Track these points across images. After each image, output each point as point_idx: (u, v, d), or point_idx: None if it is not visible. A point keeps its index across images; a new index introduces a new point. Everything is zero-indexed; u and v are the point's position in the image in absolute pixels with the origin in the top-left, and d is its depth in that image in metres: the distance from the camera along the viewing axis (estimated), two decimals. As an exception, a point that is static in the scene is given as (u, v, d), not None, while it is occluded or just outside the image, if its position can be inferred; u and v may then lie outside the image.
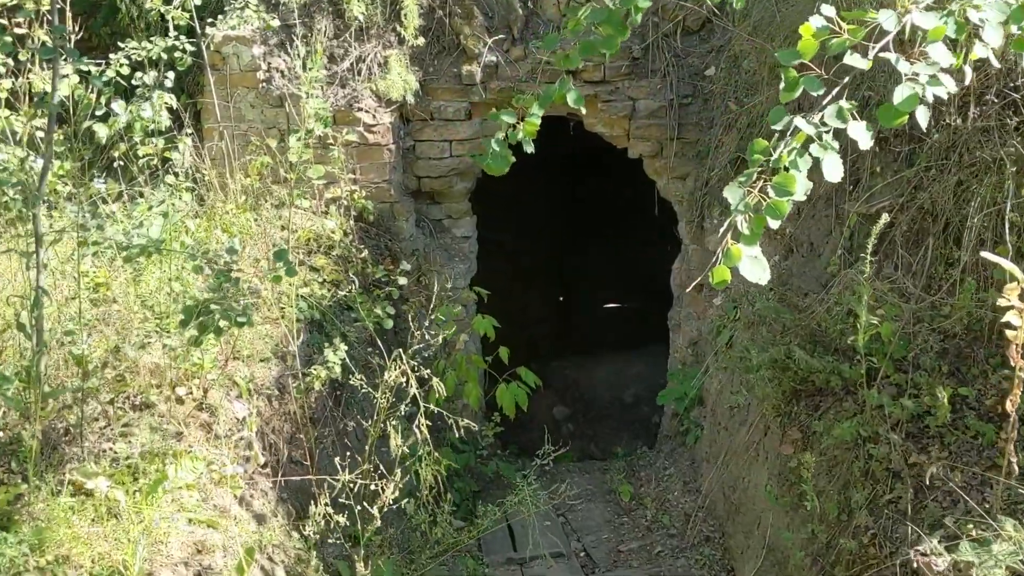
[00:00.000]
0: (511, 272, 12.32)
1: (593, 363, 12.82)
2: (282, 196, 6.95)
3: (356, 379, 4.93)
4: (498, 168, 3.77)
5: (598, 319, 15.55)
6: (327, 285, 6.66)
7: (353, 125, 7.41)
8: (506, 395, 6.62)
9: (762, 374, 4.99)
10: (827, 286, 5.66)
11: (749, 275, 2.89)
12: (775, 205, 2.85)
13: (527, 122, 3.77)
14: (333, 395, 5.87)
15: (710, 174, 7.05)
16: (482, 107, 7.83)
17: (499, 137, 3.76)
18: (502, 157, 3.76)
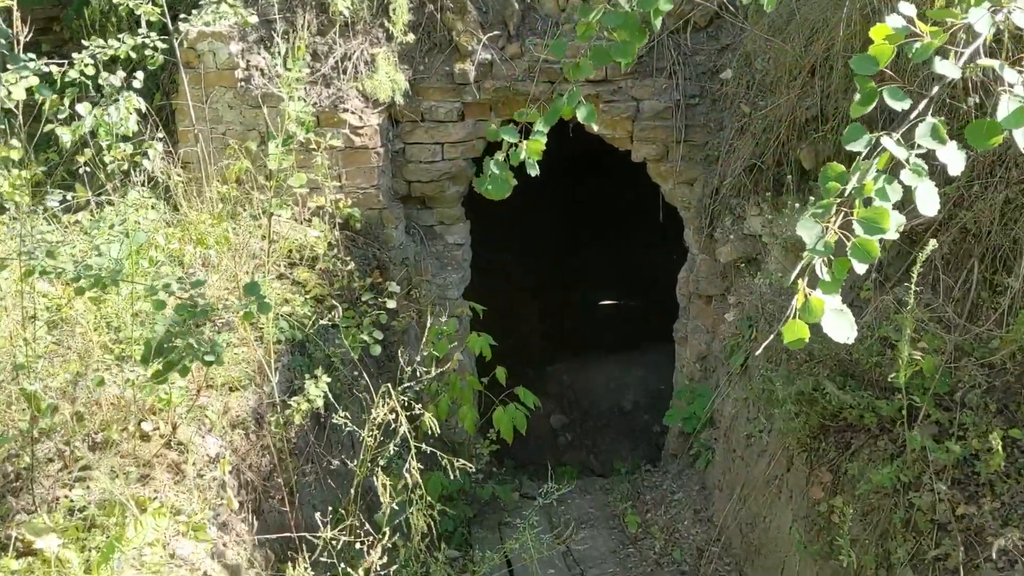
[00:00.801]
0: (503, 273, 11.84)
1: (590, 368, 12.39)
2: (263, 204, 6.47)
3: (340, 416, 4.46)
4: (499, 193, 3.30)
5: (595, 321, 15.11)
6: (310, 302, 6.19)
7: (338, 127, 6.94)
8: (504, 418, 6.16)
9: (788, 409, 4.53)
10: (851, 304, 5.21)
11: (833, 332, 2.42)
12: (863, 245, 2.39)
13: (532, 141, 3.31)
14: (316, 427, 5.40)
15: (721, 181, 6.59)
16: (476, 108, 7.36)
17: (499, 158, 3.28)
18: (503, 181, 3.29)
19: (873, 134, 2.49)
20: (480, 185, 3.34)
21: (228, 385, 5.22)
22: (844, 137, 2.52)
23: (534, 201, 12.74)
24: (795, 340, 2.41)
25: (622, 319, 15.11)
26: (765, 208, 6.14)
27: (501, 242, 11.71)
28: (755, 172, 6.11)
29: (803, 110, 5.58)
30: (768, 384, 4.76)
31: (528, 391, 6.44)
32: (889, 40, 2.49)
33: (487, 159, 3.34)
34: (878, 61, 2.49)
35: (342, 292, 6.53)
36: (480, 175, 3.38)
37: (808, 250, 2.40)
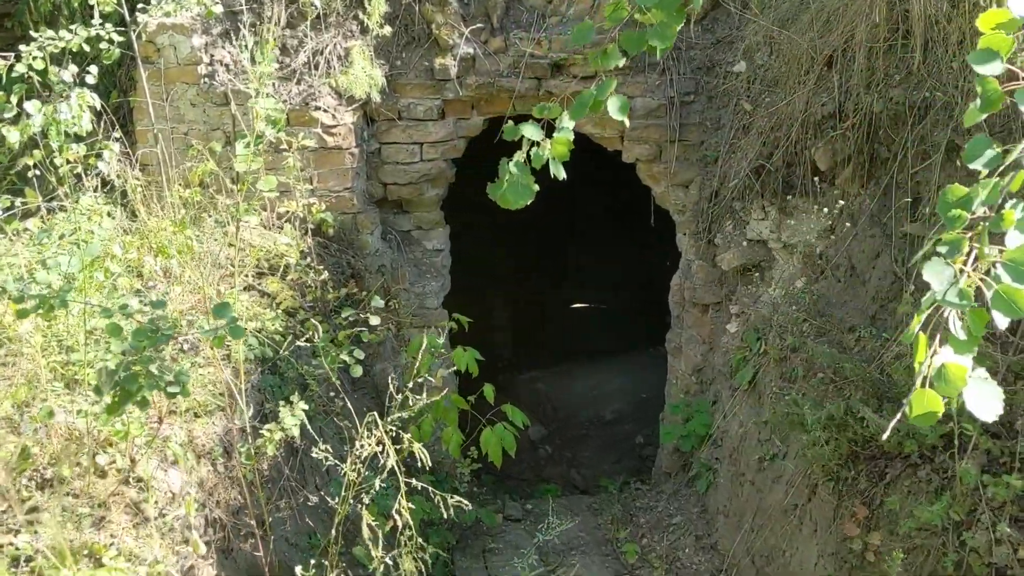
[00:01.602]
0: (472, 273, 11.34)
1: (568, 375, 11.96)
2: (230, 209, 5.96)
3: (320, 451, 3.97)
4: (519, 200, 2.85)
5: (571, 324, 14.68)
6: (281, 316, 5.70)
7: (310, 126, 6.46)
8: (492, 440, 5.69)
9: (817, 435, 4.11)
10: (874, 317, 4.81)
11: (977, 408, 1.97)
12: (1008, 295, 1.92)
13: (556, 140, 2.84)
14: (291, 457, 4.91)
15: (721, 183, 6.17)
16: (457, 105, 6.89)
17: (519, 160, 2.82)
18: (523, 186, 2.83)
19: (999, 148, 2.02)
20: (494, 191, 2.88)
21: (193, 411, 4.72)
22: (967, 153, 2.05)
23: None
24: (925, 415, 1.95)
25: (598, 322, 14.70)
26: (772, 212, 5.72)
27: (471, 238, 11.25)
28: (762, 174, 5.70)
29: (818, 106, 5.17)
30: (793, 407, 4.33)
31: (516, 408, 5.98)
32: (1003, 29, 2.04)
33: (503, 161, 2.89)
34: (999, 54, 2.03)
35: (315, 304, 6.05)
36: (492, 181, 2.92)
37: (938, 300, 1.93)
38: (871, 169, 4.99)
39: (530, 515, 7.39)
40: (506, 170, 2.85)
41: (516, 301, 13.76)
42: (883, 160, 4.91)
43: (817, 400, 4.26)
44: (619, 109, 2.94)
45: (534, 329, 13.97)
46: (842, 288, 5.15)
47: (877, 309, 4.78)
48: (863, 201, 5.04)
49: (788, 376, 5.05)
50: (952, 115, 4.39)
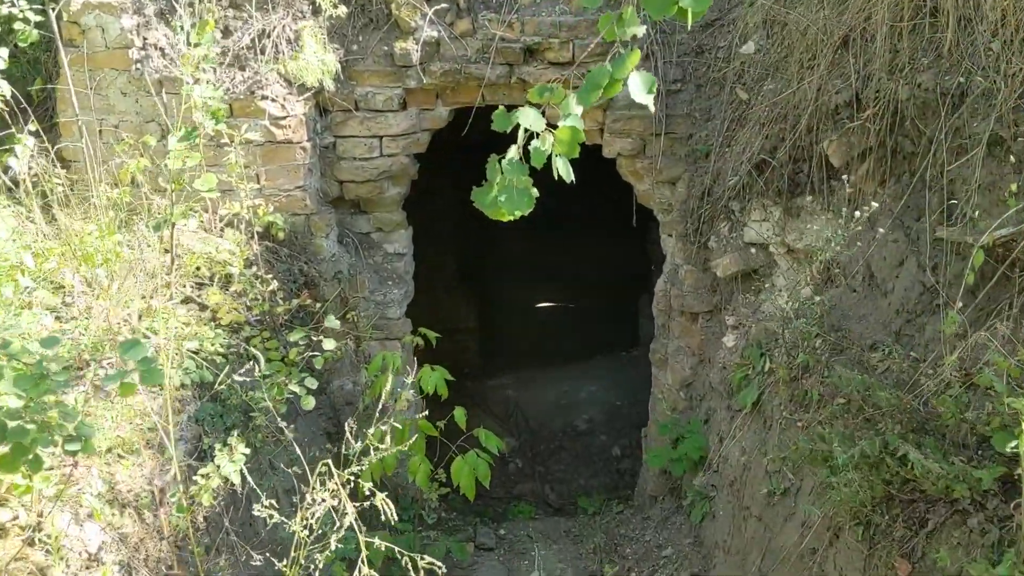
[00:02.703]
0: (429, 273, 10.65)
1: (538, 381, 11.36)
2: (163, 212, 5.28)
3: (263, 508, 3.30)
4: (515, 210, 2.22)
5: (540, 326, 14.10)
6: (223, 333, 5.03)
7: (256, 118, 5.79)
8: (463, 471, 5.04)
9: (849, 476, 3.51)
10: (899, 333, 4.23)
11: None
12: None
13: (562, 131, 2.22)
14: (231, 506, 4.24)
15: (714, 180, 5.57)
16: (420, 94, 6.24)
17: (513, 156, 2.19)
18: (521, 191, 2.21)
19: None
20: (481, 198, 2.25)
21: (116, 450, 4.05)
22: None
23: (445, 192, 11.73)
24: None
25: (569, 322, 14.13)
26: (776, 212, 5.13)
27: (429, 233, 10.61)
28: (764, 170, 5.10)
29: (832, 94, 4.57)
30: (820, 443, 3.73)
31: (491, 433, 5.34)
32: None
33: (492, 160, 2.25)
34: None
35: (262, 318, 5.37)
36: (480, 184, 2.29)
37: None
38: (893, 165, 4.40)
39: (504, 542, 6.77)
40: (497, 171, 2.22)
41: (482, 302, 13.12)
42: (908, 155, 4.33)
43: (848, 435, 3.66)
44: (644, 89, 2.32)
45: (502, 331, 13.35)
46: (859, 299, 4.57)
47: (903, 324, 4.19)
48: (883, 201, 4.45)
49: (800, 400, 4.46)
50: (993, 103, 3.81)
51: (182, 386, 4.53)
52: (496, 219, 2.32)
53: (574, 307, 14.78)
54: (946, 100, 3.97)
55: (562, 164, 2.27)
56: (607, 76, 2.28)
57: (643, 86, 2.30)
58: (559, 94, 2.33)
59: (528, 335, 13.58)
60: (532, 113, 2.26)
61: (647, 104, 2.37)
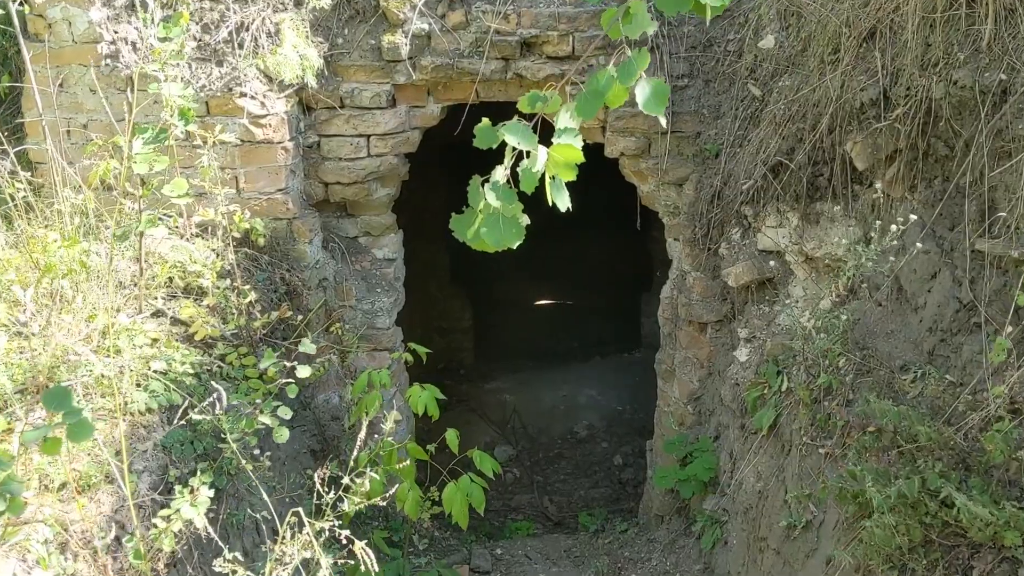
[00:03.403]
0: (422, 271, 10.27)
1: (536, 385, 10.99)
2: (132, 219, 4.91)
3: (225, 564, 2.92)
4: (502, 242, 1.85)
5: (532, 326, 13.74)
6: (195, 351, 4.65)
7: (234, 116, 5.41)
8: (456, 498, 4.68)
9: (885, 519, 3.14)
10: (932, 353, 3.86)
11: None
12: None
13: (558, 149, 1.85)
14: (196, 552, 3.86)
15: (724, 182, 5.19)
16: (410, 91, 5.85)
17: (498, 178, 1.82)
18: (508, 220, 1.84)
19: None
20: (460, 227, 1.89)
21: (72, 484, 3.67)
22: None
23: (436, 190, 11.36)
24: None
25: (567, 323, 13.77)
26: (793, 218, 4.75)
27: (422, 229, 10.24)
28: (780, 172, 4.72)
29: (856, 91, 4.18)
30: (851, 482, 3.36)
31: (486, 455, 4.98)
32: None
33: (474, 182, 1.88)
34: None
35: (239, 332, 5.00)
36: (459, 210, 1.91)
37: None
38: (924, 169, 4.02)
39: (500, 564, 6.39)
40: (480, 196, 1.85)
41: (477, 301, 12.74)
42: (941, 158, 3.95)
43: (884, 474, 3.28)
44: (654, 99, 1.95)
45: (498, 331, 12.99)
46: (885, 314, 4.19)
47: (936, 343, 3.82)
48: (912, 208, 4.07)
49: (822, 424, 4.09)
50: (1040, 102, 3.44)
51: (148, 411, 4.16)
52: (478, 249, 1.96)
53: (572, 306, 14.42)
54: (986, 99, 3.59)
55: (556, 189, 1.89)
56: (611, 83, 1.91)
57: (654, 97, 1.93)
58: (554, 103, 1.95)
59: (525, 335, 13.23)
60: (521, 128, 1.89)
61: (659, 117, 1.99)
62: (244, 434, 3.81)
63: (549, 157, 1.92)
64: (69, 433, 2.10)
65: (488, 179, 1.89)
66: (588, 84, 2.03)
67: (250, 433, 3.86)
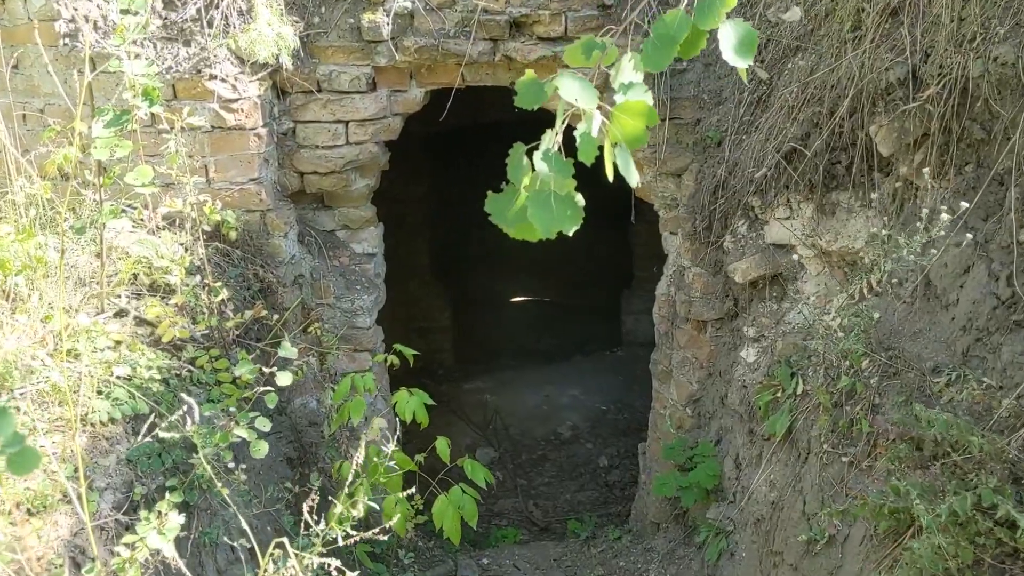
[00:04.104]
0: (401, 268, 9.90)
1: (516, 385, 10.66)
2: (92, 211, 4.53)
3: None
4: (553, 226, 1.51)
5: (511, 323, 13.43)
6: (162, 354, 4.28)
7: (203, 100, 5.04)
8: (447, 511, 4.34)
9: (934, 540, 2.83)
10: (967, 354, 3.55)
11: None
12: None
13: (624, 108, 1.52)
14: None
15: (729, 172, 4.87)
16: (392, 74, 5.49)
17: (548, 148, 1.48)
18: (562, 200, 1.50)
19: None
20: (499, 209, 1.55)
21: (26, 505, 3.30)
22: None
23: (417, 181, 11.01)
24: None
25: (545, 320, 13.46)
26: (806, 209, 4.44)
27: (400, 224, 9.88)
28: (794, 160, 4.40)
29: (881, 71, 3.87)
30: (896, 498, 3.04)
31: (477, 464, 4.64)
32: None
33: (516, 151, 1.54)
34: None
35: (210, 334, 4.62)
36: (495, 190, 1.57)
37: None
38: (956, 154, 3.71)
39: (487, 574, 6.06)
40: (524, 169, 1.51)
41: (456, 299, 12.40)
42: (976, 142, 3.64)
43: (924, 485, 2.97)
44: (742, 46, 1.63)
45: (477, 329, 12.66)
46: (911, 311, 3.88)
47: (971, 343, 3.51)
48: (943, 197, 3.77)
49: (844, 431, 3.78)
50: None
51: (110, 421, 3.78)
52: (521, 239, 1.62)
53: (551, 303, 14.12)
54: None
55: (622, 158, 1.56)
56: (686, 27, 1.57)
57: (742, 43, 1.60)
58: (612, 53, 1.62)
59: (503, 334, 12.91)
60: (577, 82, 1.55)
61: (742, 69, 1.66)
62: (218, 448, 3.44)
63: (612, 119, 1.59)
64: (10, 464, 1.74)
65: (534, 148, 1.55)
66: (656, 28, 1.69)
67: (225, 448, 3.49)
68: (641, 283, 11.62)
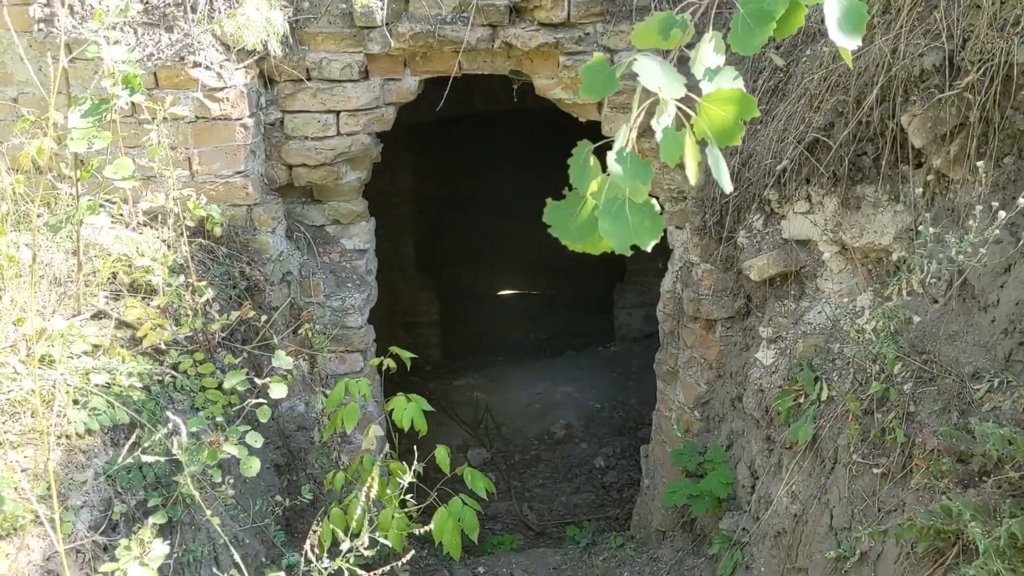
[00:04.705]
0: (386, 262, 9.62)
1: (507, 382, 10.41)
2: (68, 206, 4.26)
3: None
4: (628, 239, 1.27)
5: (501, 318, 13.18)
6: (143, 359, 4.01)
7: (186, 89, 4.76)
8: (447, 524, 4.08)
9: (991, 566, 2.60)
10: (1009, 359, 3.32)
11: None
12: None
13: (714, 98, 1.29)
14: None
15: (743, 163, 4.63)
16: (385, 61, 5.22)
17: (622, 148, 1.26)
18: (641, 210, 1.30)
19: None
20: (561, 220, 1.36)
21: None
22: None
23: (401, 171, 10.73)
24: None
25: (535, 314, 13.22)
26: (829, 203, 4.20)
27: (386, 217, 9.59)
28: (816, 152, 4.16)
29: (914, 56, 3.63)
30: (946, 520, 2.81)
31: (477, 473, 4.38)
32: None
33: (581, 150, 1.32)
34: None
35: (194, 336, 4.35)
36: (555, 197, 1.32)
37: None
38: (995, 145, 3.48)
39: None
40: (591, 172, 1.26)
41: (443, 293, 12.13)
42: (1017, 132, 3.41)
43: (978, 505, 2.74)
44: (849, 21, 1.38)
45: (464, 325, 12.40)
46: (945, 313, 3.65)
47: (1014, 347, 3.28)
48: (978, 191, 3.53)
49: (876, 441, 3.55)
50: None
51: (87, 432, 3.51)
52: (584, 251, 1.37)
53: (540, 296, 13.87)
54: None
55: (712, 158, 1.32)
56: (784, 0, 1.32)
57: (848, 18, 1.36)
58: (686, 29, 1.37)
59: (493, 328, 12.65)
60: (659, 67, 1.31)
61: (846, 51, 1.41)
62: (206, 467, 3.17)
63: (700, 112, 1.35)
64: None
65: (604, 146, 1.30)
66: (745, 3, 1.44)
67: (213, 466, 3.23)
68: (634, 276, 11.38)
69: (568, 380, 10.27)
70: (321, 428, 4.99)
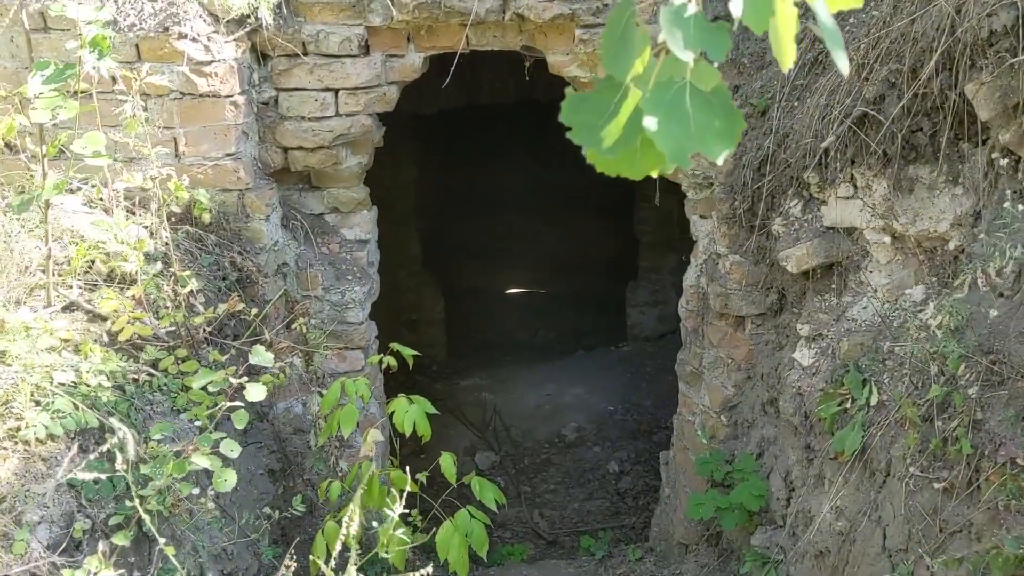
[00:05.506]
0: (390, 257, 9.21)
1: (516, 383, 10.02)
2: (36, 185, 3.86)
3: None
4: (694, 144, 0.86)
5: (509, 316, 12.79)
6: (117, 356, 3.62)
7: (171, 63, 4.37)
8: (454, 541, 3.69)
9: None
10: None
11: None
12: None
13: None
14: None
15: (779, 144, 4.22)
16: (387, 35, 4.82)
17: (683, 4, 0.83)
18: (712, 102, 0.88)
19: None
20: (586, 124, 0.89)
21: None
22: None
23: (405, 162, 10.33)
24: None
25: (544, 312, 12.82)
26: (877, 186, 3.79)
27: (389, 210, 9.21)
28: (864, 128, 3.75)
29: (981, 17, 3.22)
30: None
31: (486, 483, 3.98)
32: None
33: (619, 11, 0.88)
34: None
35: (176, 331, 3.96)
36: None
37: None
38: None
39: (492, 603, 5.43)
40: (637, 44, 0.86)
41: (450, 289, 11.74)
42: (1102, 103, 3.01)
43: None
44: None
45: (471, 323, 12.02)
46: (1012, 308, 3.24)
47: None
48: None
49: (937, 452, 3.14)
50: None
51: (49, 437, 3.12)
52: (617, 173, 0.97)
53: (548, 294, 13.48)
54: None
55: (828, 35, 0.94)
56: None
57: None
58: None
59: (501, 326, 12.27)
60: None
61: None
62: (174, 480, 2.77)
63: None
64: None
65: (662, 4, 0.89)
66: None
67: (180, 479, 2.83)
68: (647, 273, 10.98)
69: (578, 381, 9.88)
70: (317, 431, 4.60)
